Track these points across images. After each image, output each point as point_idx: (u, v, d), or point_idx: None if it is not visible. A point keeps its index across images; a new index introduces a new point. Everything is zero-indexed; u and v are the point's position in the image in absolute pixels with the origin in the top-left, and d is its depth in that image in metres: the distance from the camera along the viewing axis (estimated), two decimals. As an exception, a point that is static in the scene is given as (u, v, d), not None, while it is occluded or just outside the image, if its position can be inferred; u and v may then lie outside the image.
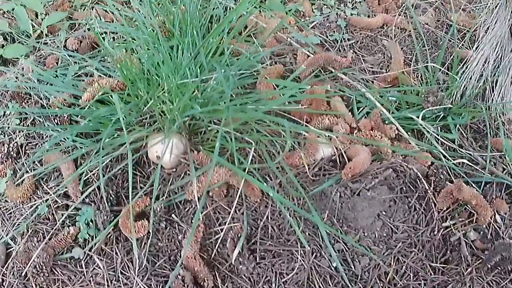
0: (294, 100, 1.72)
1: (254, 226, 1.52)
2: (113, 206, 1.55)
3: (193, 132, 1.67)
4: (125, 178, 1.61)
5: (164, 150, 1.52)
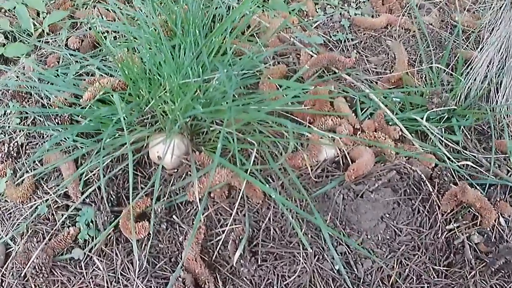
0: (297, 100, 1.71)
1: (256, 228, 1.52)
2: (113, 206, 1.55)
3: (195, 132, 1.66)
4: (126, 179, 1.61)
5: (165, 151, 1.52)
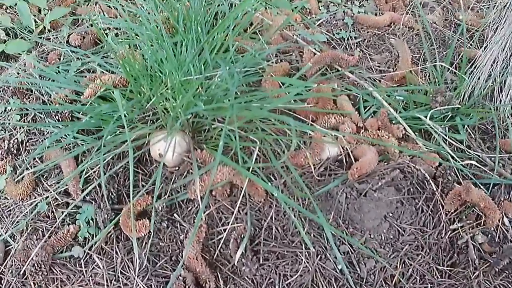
0: (300, 98, 1.70)
1: (257, 227, 1.50)
2: (114, 204, 1.54)
3: (196, 130, 1.65)
4: (126, 176, 1.60)
5: (166, 148, 1.50)
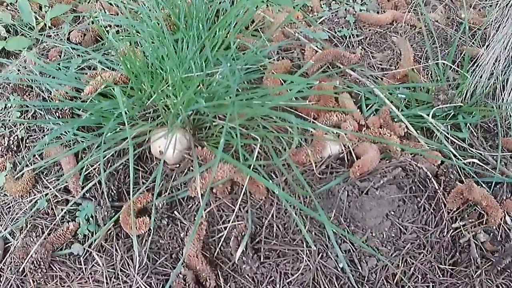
0: (301, 96, 1.70)
1: (258, 225, 1.50)
2: (114, 201, 1.53)
3: (197, 127, 1.64)
4: (126, 174, 1.59)
5: (167, 145, 1.50)
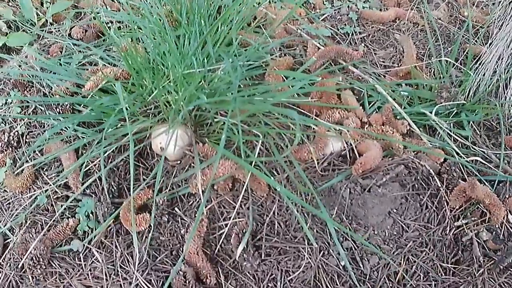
0: (303, 92, 1.69)
1: (259, 222, 1.49)
2: (114, 198, 1.53)
3: (198, 123, 1.63)
4: (127, 170, 1.59)
5: (168, 142, 1.49)
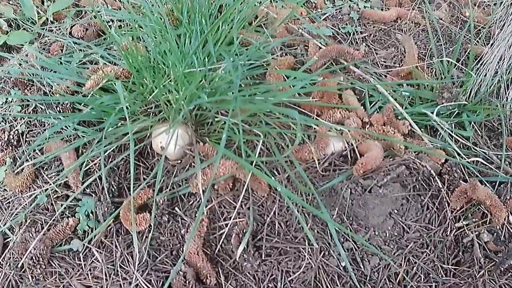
0: (304, 92, 1.69)
1: (260, 222, 1.48)
2: (114, 197, 1.52)
3: (199, 123, 1.63)
4: (127, 169, 1.58)
5: (168, 141, 1.48)
